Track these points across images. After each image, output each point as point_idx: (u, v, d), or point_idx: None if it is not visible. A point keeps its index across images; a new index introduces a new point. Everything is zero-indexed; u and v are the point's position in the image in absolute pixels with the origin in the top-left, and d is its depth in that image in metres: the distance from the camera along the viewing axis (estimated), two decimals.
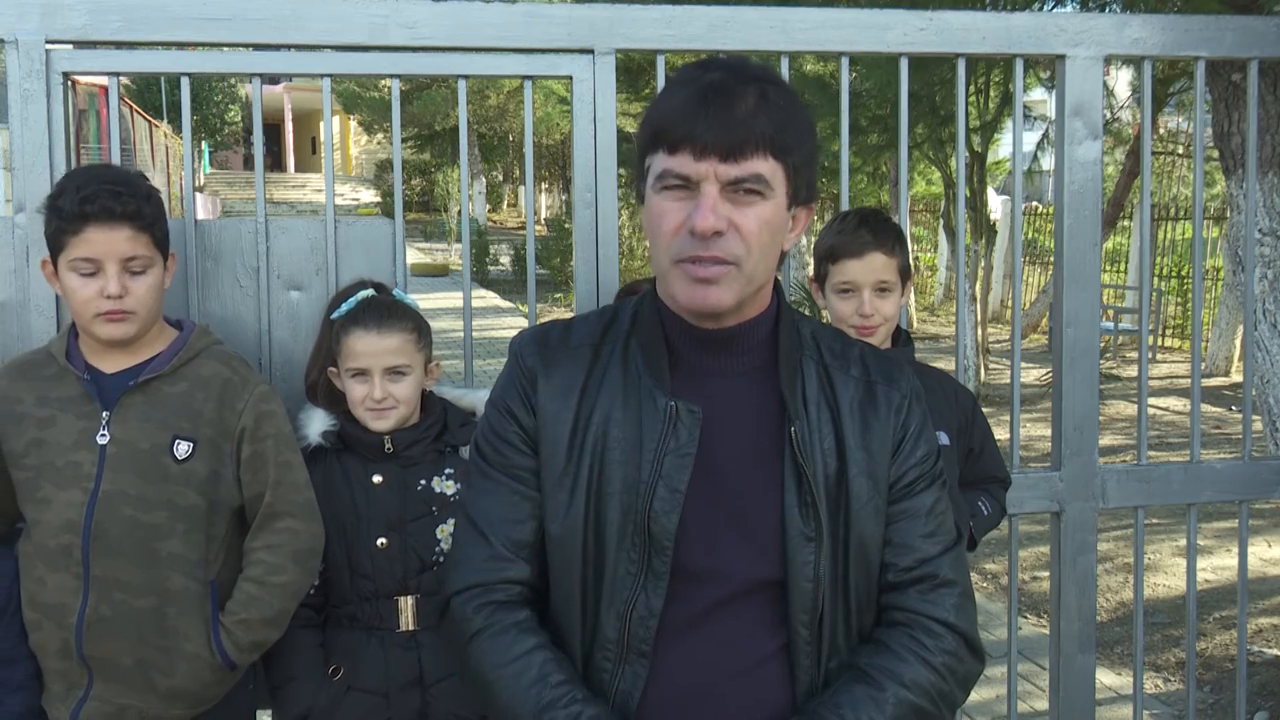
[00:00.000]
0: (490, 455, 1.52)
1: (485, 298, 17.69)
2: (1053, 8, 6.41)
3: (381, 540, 2.18)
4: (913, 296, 9.83)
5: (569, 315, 1.68)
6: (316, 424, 2.25)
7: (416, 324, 2.27)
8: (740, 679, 1.45)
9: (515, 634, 1.46)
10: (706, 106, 1.35)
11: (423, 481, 2.23)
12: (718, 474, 1.45)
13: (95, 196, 1.99)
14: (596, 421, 1.46)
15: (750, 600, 1.45)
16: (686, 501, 1.43)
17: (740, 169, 1.35)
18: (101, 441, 2.03)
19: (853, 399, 1.50)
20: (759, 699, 1.45)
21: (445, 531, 2.20)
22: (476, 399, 2.36)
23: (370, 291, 2.28)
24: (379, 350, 2.20)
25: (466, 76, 2.58)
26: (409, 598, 2.20)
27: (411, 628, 2.20)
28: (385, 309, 2.25)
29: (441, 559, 2.20)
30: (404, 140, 11.41)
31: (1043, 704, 3.98)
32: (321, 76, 2.56)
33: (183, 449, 2.06)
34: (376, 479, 2.21)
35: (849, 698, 1.42)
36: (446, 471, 2.24)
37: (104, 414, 2.04)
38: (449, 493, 2.23)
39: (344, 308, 2.26)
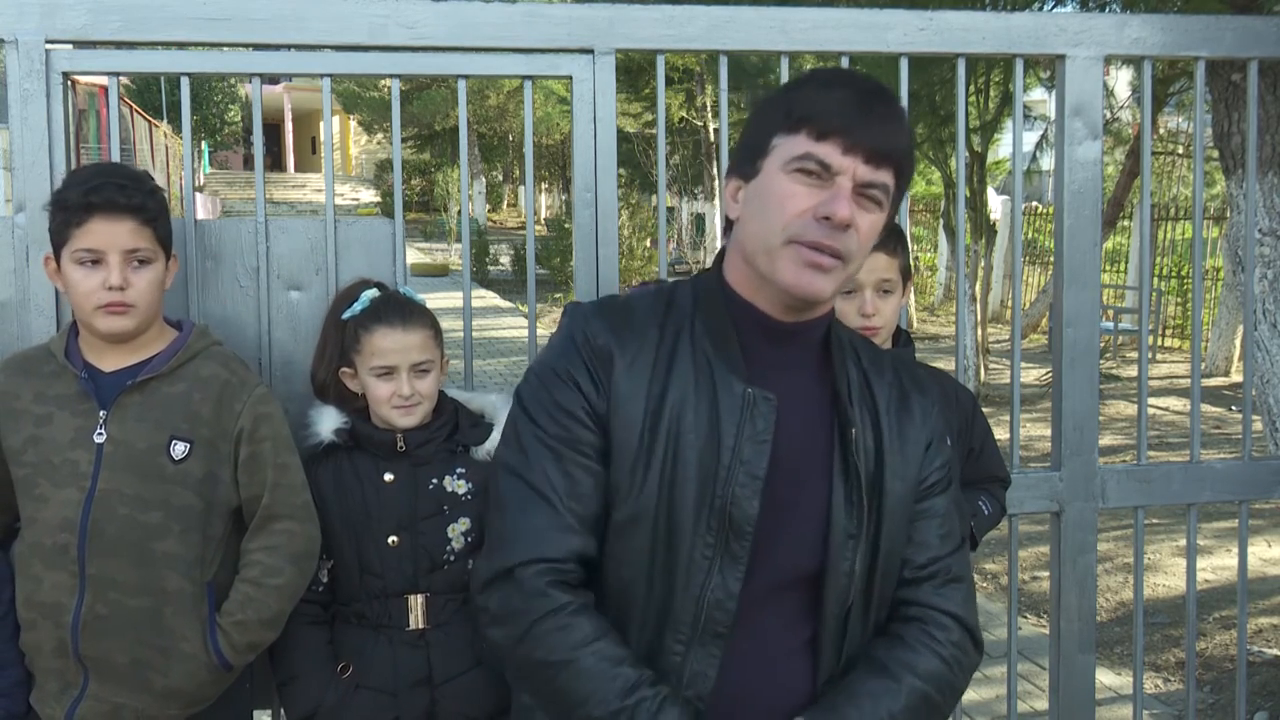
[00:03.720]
0: (550, 427, 1.46)
1: (485, 298, 17.69)
2: (1053, 8, 6.42)
3: (392, 538, 2.18)
4: (913, 296, 9.81)
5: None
6: (328, 421, 2.23)
7: (432, 321, 2.27)
8: (776, 665, 1.50)
9: (590, 615, 1.42)
10: (868, 109, 1.41)
11: (434, 480, 2.22)
12: (777, 464, 1.47)
13: (101, 188, 2.00)
14: (670, 404, 1.45)
15: (792, 591, 1.50)
16: None
17: (875, 175, 1.41)
18: (99, 440, 2.03)
19: (889, 403, 1.56)
20: (788, 688, 1.50)
21: (456, 530, 2.20)
22: (485, 401, 2.36)
23: (376, 290, 2.28)
24: (406, 347, 2.19)
25: (466, 76, 2.58)
26: (419, 596, 2.19)
27: (421, 626, 2.19)
28: (405, 306, 2.24)
29: (452, 558, 2.19)
30: (404, 140, 11.39)
31: (1043, 704, 3.98)
32: (321, 76, 2.56)
33: (179, 449, 2.06)
34: (388, 477, 2.20)
35: (867, 689, 1.47)
36: (458, 471, 2.23)
37: (101, 413, 2.04)
38: (460, 492, 2.22)
39: (357, 306, 2.25)
